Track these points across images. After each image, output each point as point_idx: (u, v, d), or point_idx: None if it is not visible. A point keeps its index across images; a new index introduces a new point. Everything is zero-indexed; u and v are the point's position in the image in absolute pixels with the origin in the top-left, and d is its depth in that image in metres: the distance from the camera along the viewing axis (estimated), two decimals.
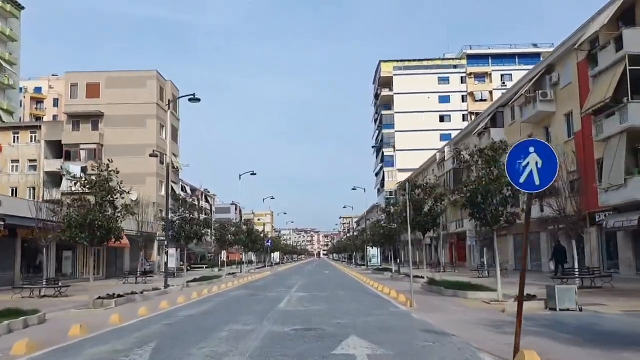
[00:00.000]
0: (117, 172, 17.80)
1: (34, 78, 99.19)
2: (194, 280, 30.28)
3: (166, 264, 24.34)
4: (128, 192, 18.45)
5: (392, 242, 38.03)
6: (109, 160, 18.77)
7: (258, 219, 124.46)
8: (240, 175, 45.84)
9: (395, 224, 35.36)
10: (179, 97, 25.88)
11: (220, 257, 43.46)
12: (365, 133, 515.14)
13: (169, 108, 29.67)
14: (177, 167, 56.70)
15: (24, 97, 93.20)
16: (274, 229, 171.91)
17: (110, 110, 52.69)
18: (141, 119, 53.04)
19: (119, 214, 18.74)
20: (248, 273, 46.84)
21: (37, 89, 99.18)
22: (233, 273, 42.67)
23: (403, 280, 30.14)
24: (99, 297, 17.54)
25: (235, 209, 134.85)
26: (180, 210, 26.67)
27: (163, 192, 54.52)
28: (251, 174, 45.34)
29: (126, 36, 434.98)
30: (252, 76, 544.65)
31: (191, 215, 26.46)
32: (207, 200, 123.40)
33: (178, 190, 57.27)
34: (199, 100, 24.41)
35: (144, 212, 40.09)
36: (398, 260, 38.49)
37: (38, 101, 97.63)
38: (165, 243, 24.55)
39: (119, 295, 18.18)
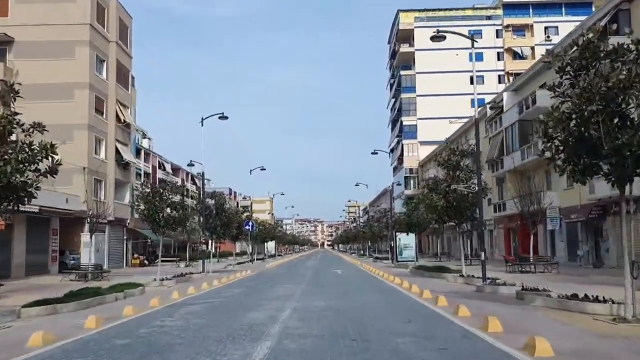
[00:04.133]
0: None
1: None
2: (65, 298, 13.92)
3: None
4: None
5: (463, 219, 20.28)
6: None
7: (246, 198, 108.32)
8: (202, 118, 28.86)
9: (473, 186, 18.67)
10: None
11: (173, 249, 27.07)
12: (369, 126, 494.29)
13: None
14: (124, 121, 40.02)
15: None
16: (274, 218, 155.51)
17: (25, 34, 36.26)
18: (68, 46, 36.54)
19: None
20: (220, 272, 30.63)
21: None
22: (185, 274, 26.14)
23: (539, 305, 13.09)
24: None
25: (230, 193, 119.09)
26: None
27: (102, 155, 38.14)
28: (220, 117, 28.62)
29: (137, 27, 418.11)
30: (260, 69, 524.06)
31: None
32: (194, 183, 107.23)
33: (127, 156, 40.63)
34: None
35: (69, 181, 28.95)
36: (474, 253, 20.73)
37: None
38: None
39: None
